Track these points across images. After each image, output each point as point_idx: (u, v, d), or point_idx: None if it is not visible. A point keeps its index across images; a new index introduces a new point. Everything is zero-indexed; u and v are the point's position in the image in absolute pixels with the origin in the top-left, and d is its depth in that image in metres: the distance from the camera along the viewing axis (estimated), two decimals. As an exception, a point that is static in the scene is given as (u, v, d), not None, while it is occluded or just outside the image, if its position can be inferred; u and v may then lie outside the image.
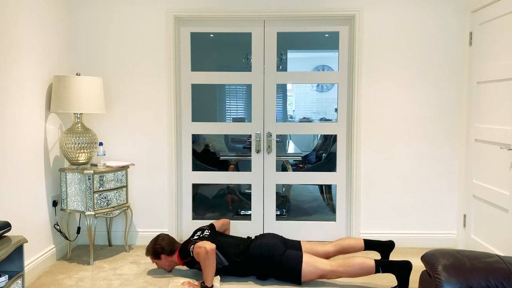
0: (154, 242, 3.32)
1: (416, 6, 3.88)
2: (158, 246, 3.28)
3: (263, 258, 3.14)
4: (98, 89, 3.57)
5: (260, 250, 3.16)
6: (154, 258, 3.30)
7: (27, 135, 3.25)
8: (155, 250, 3.28)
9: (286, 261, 3.09)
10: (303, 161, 5.76)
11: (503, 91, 3.27)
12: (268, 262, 3.13)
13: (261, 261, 3.14)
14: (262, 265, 3.14)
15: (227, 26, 4.07)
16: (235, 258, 3.19)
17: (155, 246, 3.29)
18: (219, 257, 3.20)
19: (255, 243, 3.22)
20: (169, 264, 3.31)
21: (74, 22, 3.95)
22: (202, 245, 3.04)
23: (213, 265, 3.00)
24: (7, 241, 2.48)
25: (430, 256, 2.18)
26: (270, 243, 3.19)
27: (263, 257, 3.14)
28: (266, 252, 3.14)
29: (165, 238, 3.34)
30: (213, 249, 2.99)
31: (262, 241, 3.21)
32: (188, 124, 4.15)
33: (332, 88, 9.18)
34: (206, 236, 3.31)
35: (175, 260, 3.30)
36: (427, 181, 4.00)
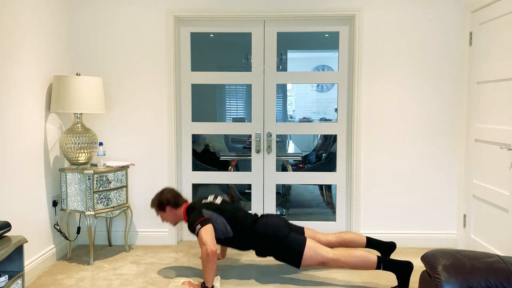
0: (159, 194, 3.28)
1: (416, 6, 3.88)
2: (163, 197, 3.25)
3: (267, 236, 3.12)
4: (98, 89, 3.58)
5: (266, 228, 3.14)
6: (159, 210, 3.28)
7: (27, 135, 3.25)
8: (160, 201, 3.25)
9: (289, 242, 3.08)
10: (303, 161, 5.76)
11: (503, 91, 3.27)
12: (271, 240, 3.12)
13: (265, 238, 3.13)
14: (265, 242, 3.13)
15: (227, 26, 4.07)
16: (240, 231, 3.17)
17: (160, 197, 3.26)
18: (225, 227, 3.16)
19: (261, 220, 3.21)
20: (173, 217, 3.29)
21: (74, 22, 3.95)
22: (205, 241, 2.99)
23: (214, 266, 2.98)
24: (7, 241, 2.48)
25: (430, 256, 2.18)
26: (276, 223, 3.18)
27: (267, 234, 3.12)
28: (271, 230, 3.13)
29: (170, 191, 3.30)
30: (214, 251, 2.96)
31: (268, 220, 3.20)
32: (188, 124, 4.15)
33: (332, 88, 9.18)
34: (217, 204, 3.26)
35: (181, 214, 3.28)
36: (427, 181, 4.00)
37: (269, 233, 3.13)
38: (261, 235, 3.14)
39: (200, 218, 3.09)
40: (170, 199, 3.25)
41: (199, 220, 3.07)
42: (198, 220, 3.07)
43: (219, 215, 3.17)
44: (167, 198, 3.25)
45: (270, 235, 3.12)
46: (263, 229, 3.15)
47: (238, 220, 3.20)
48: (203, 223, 3.06)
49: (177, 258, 3.72)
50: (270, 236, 3.12)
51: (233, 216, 3.21)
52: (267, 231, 3.14)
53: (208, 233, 3.02)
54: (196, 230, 3.05)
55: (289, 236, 3.11)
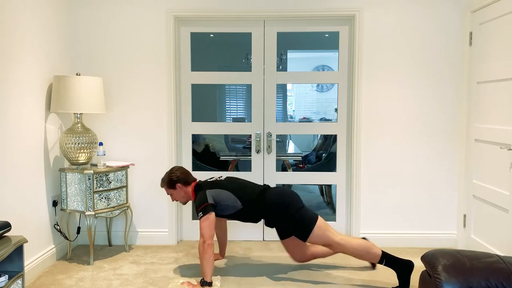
0: (169, 172, 3.30)
1: (416, 6, 3.88)
2: (174, 175, 3.26)
3: (280, 204, 3.10)
4: (98, 89, 3.58)
5: (281, 197, 3.12)
6: (169, 188, 3.29)
7: (27, 135, 3.25)
8: (170, 179, 3.26)
9: (301, 216, 3.07)
10: (303, 161, 5.76)
11: (503, 91, 3.27)
12: (284, 210, 3.09)
13: (278, 207, 3.10)
14: (277, 211, 3.10)
15: (227, 26, 4.07)
16: (251, 199, 3.15)
17: (171, 175, 3.27)
18: (235, 201, 3.14)
19: (275, 189, 3.19)
20: (183, 195, 3.30)
21: (74, 22, 3.95)
22: (203, 233, 2.99)
23: (211, 259, 2.99)
24: (7, 241, 2.48)
25: (430, 256, 2.18)
26: (291, 193, 3.17)
27: (279, 203, 3.10)
28: (287, 200, 3.11)
29: (180, 168, 3.33)
30: (211, 244, 2.99)
31: (283, 190, 3.19)
32: (188, 124, 4.15)
33: (332, 88, 9.18)
34: (221, 180, 3.25)
35: (190, 193, 3.29)
36: (427, 181, 4.00)
37: (283, 202, 3.10)
38: (274, 203, 3.11)
39: (204, 203, 3.08)
40: (180, 177, 3.26)
41: (202, 205, 3.07)
42: (201, 206, 3.07)
43: (226, 190, 3.16)
44: (177, 175, 3.27)
45: (283, 204, 3.10)
46: (276, 197, 3.13)
47: (247, 191, 3.18)
48: (205, 211, 3.05)
49: (177, 258, 3.72)
50: (283, 205, 3.09)
51: (241, 187, 3.20)
52: (281, 200, 3.11)
53: (207, 224, 3.02)
54: (199, 216, 3.07)
55: (303, 209, 3.11)
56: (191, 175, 3.35)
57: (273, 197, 3.14)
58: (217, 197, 3.14)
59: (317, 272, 3.40)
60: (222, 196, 3.15)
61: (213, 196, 3.14)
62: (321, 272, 3.40)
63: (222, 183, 3.23)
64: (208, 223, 3.03)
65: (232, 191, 3.17)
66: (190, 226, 4.21)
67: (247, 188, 3.21)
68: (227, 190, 3.17)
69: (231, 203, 3.15)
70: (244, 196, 3.16)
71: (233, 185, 3.22)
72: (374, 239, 4.02)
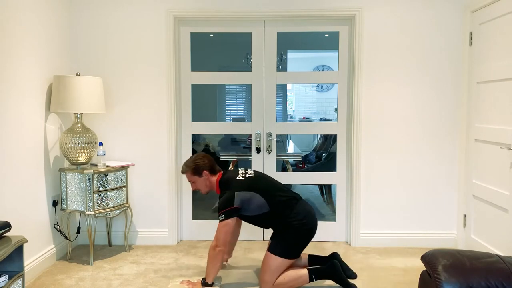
0: (195, 157, 3.09)
1: (416, 6, 3.88)
2: (200, 161, 3.06)
3: (299, 222, 2.95)
4: (98, 89, 3.58)
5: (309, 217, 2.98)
6: (193, 175, 3.08)
7: (27, 135, 3.25)
8: (197, 165, 3.05)
9: (298, 243, 2.96)
10: (303, 161, 5.76)
11: (503, 91, 3.27)
12: (296, 230, 2.94)
13: (295, 222, 2.95)
14: (292, 226, 2.94)
15: (227, 26, 4.07)
16: (278, 207, 2.97)
17: (196, 161, 3.07)
18: (263, 203, 2.95)
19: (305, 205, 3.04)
20: (208, 184, 3.11)
21: (74, 22, 3.95)
22: (218, 237, 2.87)
23: (218, 264, 2.91)
24: (7, 241, 2.48)
25: (430, 256, 2.18)
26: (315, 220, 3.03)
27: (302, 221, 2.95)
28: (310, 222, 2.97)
29: (206, 155, 3.11)
30: (223, 250, 2.88)
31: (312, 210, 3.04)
32: (188, 124, 4.15)
33: (332, 88, 9.18)
34: (253, 179, 3.04)
35: (214, 183, 3.11)
36: (427, 181, 4.00)
37: (303, 223, 2.95)
38: (298, 219, 2.95)
39: (229, 207, 2.91)
40: (207, 164, 3.07)
41: (227, 209, 2.90)
42: (226, 209, 2.90)
43: (257, 194, 2.97)
44: (205, 162, 3.07)
45: (301, 224, 2.94)
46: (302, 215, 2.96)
47: (277, 195, 2.99)
48: (228, 215, 2.89)
49: (177, 258, 3.72)
50: (300, 225, 2.94)
51: (273, 190, 3.01)
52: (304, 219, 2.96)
53: (226, 230, 2.88)
54: (219, 218, 2.91)
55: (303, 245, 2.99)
56: (217, 165, 3.16)
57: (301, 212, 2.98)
58: (245, 200, 2.96)
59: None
60: (252, 199, 2.97)
61: (241, 199, 2.95)
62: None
63: (253, 184, 3.01)
64: (227, 229, 2.89)
65: (263, 195, 2.98)
66: (190, 226, 4.21)
67: (279, 192, 3.03)
68: (259, 193, 2.98)
69: (258, 206, 2.98)
70: (273, 201, 2.98)
71: (264, 186, 3.01)
72: (374, 239, 4.02)
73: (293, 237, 2.95)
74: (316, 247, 3.99)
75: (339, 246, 4.02)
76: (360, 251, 3.90)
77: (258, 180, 3.05)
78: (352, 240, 4.05)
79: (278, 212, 2.99)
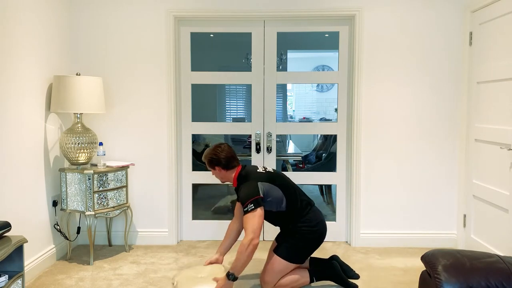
0: (213, 150, 3.03)
1: (416, 6, 3.88)
2: (215, 156, 2.99)
3: (310, 231, 2.93)
4: (98, 89, 3.58)
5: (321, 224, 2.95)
6: (209, 166, 3.05)
7: (27, 135, 3.25)
8: (211, 159, 3.01)
9: (306, 249, 2.94)
10: (303, 161, 5.76)
11: (503, 91, 3.27)
12: (305, 235, 2.92)
13: (306, 230, 2.92)
14: (301, 232, 2.92)
15: (227, 26, 4.07)
16: (293, 208, 2.94)
17: (212, 155, 3.01)
18: (282, 201, 2.91)
19: (318, 212, 3.02)
20: (222, 176, 3.06)
21: (74, 22, 3.95)
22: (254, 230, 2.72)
23: (250, 259, 2.74)
24: (7, 241, 2.48)
25: (430, 256, 2.18)
26: (325, 227, 3.01)
27: (311, 228, 2.93)
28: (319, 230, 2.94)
29: (225, 149, 3.02)
30: (257, 244, 2.73)
31: (323, 220, 3.02)
32: (188, 124, 4.15)
33: (332, 88, 9.18)
34: (271, 173, 3.01)
35: (231, 177, 3.04)
36: (427, 181, 4.00)
37: (314, 230, 2.93)
38: (309, 225, 2.93)
39: (255, 195, 2.80)
40: (222, 161, 2.99)
41: (253, 198, 2.79)
42: (252, 198, 2.79)
43: (279, 188, 2.92)
44: (219, 158, 2.99)
45: (311, 232, 2.92)
46: (314, 223, 2.95)
47: (295, 196, 2.98)
48: (257, 204, 2.78)
49: (177, 258, 3.72)
50: (310, 233, 2.92)
51: (291, 190, 2.98)
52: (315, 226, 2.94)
53: (258, 221, 2.75)
54: (248, 209, 2.77)
55: (311, 250, 2.98)
56: (236, 159, 3.06)
57: (313, 219, 2.96)
58: (267, 192, 2.88)
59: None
60: (273, 193, 2.90)
61: (264, 190, 2.87)
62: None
63: (275, 178, 2.97)
64: (260, 221, 2.75)
65: (284, 191, 2.94)
66: (190, 226, 4.21)
67: (296, 192, 3.00)
68: (280, 188, 2.93)
69: (278, 203, 2.92)
70: (291, 200, 2.95)
71: (286, 184, 2.98)
72: (374, 239, 4.02)
73: (302, 243, 2.93)
74: (316, 247, 3.99)
75: (339, 246, 4.02)
76: (360, 251, 3.90)
77: (278, 176, 3.02)
78: (352, 240, 4.05)
79: (293, 213, 2.95)
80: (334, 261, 3.06)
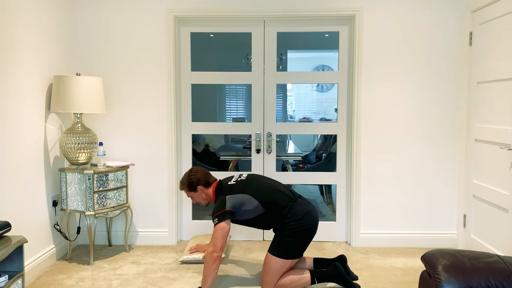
0: (188, 174, 3.13)
1: (416, 6, 3.88)
2: (194, 177, 3.10)
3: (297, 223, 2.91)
4: (98, 89, 3.58)
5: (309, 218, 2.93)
6: (189, 191, 3.13)
7: (27, 135, 3.25)
8: (191, 181, 3.10)
9: (295, 245, 2.92)
10: (303, 161, 5.76)
11: (503, 91, 3.27)
12: (293, 228, 2.91)
13: (292, 223, 2.94)
14: (290, 227, 2.91)
15: (227, 26, 4.07)
16: (274, 208, 2.94)
17: (190, 177, 3.11)
18: (257, 206, 2.93)
19: (306, 205, 3.00)
20: (205, 197, 3.14)
21: (74, 22, 3.95)
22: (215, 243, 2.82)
23: (216, 271, 2.85)
24: (7, 241, 2.48)
25: (430, 256, 2.18)
26: (315, 222, 2.98)
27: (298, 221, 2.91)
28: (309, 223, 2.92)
29: (199, 170, 3.15)
30: (220, 256, 2.84)
31: (312, 212, 2.98)
32: (188, 124, 4.15)
33: (332, 88, 9.18)
34: (244, 182, 3.05)
35: (211, 194, 3.12)
36: (427, 181, 4.00)
37: (301, 224, 2.90)
38: (295, 219, 2.91)
39: (221, 210, 2.89)
40: (200, 178, 3.10)
41: (219, 212, 2.89)
42: (218, 212, 2.89)
43: (248, 195, 2.96)
44: (198, 177, 3.10)
45: (298, 226, 2.91)
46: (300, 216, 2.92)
47: (273, 196, 2.98)
48: (221, 218, 2.87)
49: (177, 258, 3.72)
50: (298, 227, 2.90)
51: (266, 191, 2.99)
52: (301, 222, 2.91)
53: (221, 234, 2.85)
54: (214, 223, 2.89)
55: (305, 244, 2.96)
56: (211, 176, 3.18)
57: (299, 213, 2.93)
58: (237, 203, 2.94)
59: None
60: (243, 201, 2.95)
61: (233, 202, 2.94)
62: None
63: (244, 186, 3.01)
64: (222, 233, 2.85)
65: (254, 196, 2.96)
66: (190, 226, 4.21)
67: (272, 192, 3.00)
68: (249, 195, 2.96)
69: (253, 208, 2.96)
70: (268, 202, 2.96)
71: (256, 188, 3.00)
72: (374, 239, 4.02)
73: (291, 238, 2.92)
74: (316, 247, 3.99)
75: (339, 246, 4.02)
76: (360, 251, 3.90)
77: (249, 182, 3.05)
78: (352, 240, 4.05)
79: (274, 213, 2.96)
80: (337, 263, 3.03)
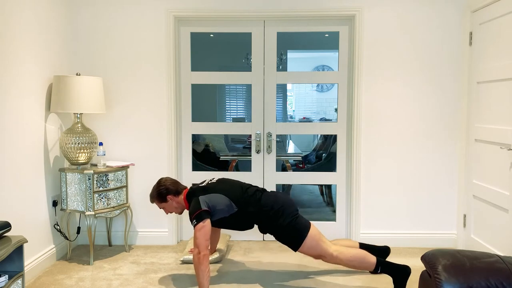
0: (157, 185, 3.17)
1: (416, 6, 3.88)
2: (162, 187, 3.13)
3: (274, 209, 2.98)
4: (98, 89, 3.58)
5: (276, 201, 3.01)
6: (160, 202, 3.16)
7: (27, 135, 3.25)
8: (159, 192, 3.12)
9: (295, 224, 2.95)
10: (303, 161, 5.76)
11: (503, 91, 3.27)
12: (277, 216, 2.97)
13: (271, 212, 2.98)
14: (271, 216, 2.99)
15: (227, 26, 4.07)
16: (246, 203, 3.02)
17: (159, 188, 3.13)
18: (230, 204, 3.01)
19: (271, 193, 3.09)
20: (176, 205, 3.17)
21: (74, 22, 3.95)
22: (198, 243, 2.84)
23: (207, 270, 2.85)
24: (7, 241, 2.48)
25: (430, 256, 2.18)
26: (287, 198, 3.05)
27: (274, 208, 2.99)
28: (280, 205, 2.99)
29: (167, 179, 3.19)
30: (207, 254, 2.85)
31: (278, 194, 3.08)
32: (188, 124, 4.15)
33: (332, 88, 9.18)
34: (214, 183, 3.13)
35: (182, 202, 3.15)
36: (427, 181, 4.00)
37: (277, 207, 2.99)
38: (268, 208, 2.99)
39: (197, 210, 2.93)
40: (169, 187, 3.14)
41: (196, 213, 2.92)
42: (195, 213, 2.92)
43: (220, 194, 3.03)
44: (167, 186, 3.14)
45: (277, 210, 2.98)
46: (271, 202, 3.01)
47: (241, 193, 3.06)
48: (199, 218, 2.90)
49: (177, 258, 3.72)
50: (277, 211, 2.98)
51: (235, 189, 3.08)
52: (275, 205, 3.00)
53: (202, 234, 2.87)
54: (193, 225, 2.92)
55: (297, 218, 2.99)
56: (180, 184, 3.22)
57: (268, 201, 3.03)
58: (211, 202, 3.00)
59: (317, 276, 3.40)
60: (216, 200, 3.01)
61: (207, 202, 2.99)
62: (321, 276, 3.39)
63: (215, 187, 3.09)
64: (204, 232, 2.87)
65: (226, 194, 3.04)
66: (190, 226, 4.21)
67: (242, 190, 3.08)
68: (221, 193, 3.04)
69: (226, 206, 3.02)
70: (239, 199, 3.04)
71: (226, 187, 3.09)
72: (374, 239, 4.02)
73: (281, 219, 2.96)
74: (316, 247, 3.99)
75: (339, 246, 4.02)
76: (360, 251, 3.90)
77: (218, 184, 3.15)
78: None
79: (248, 208, 3.03)
80: (409, 266, 2.98)
